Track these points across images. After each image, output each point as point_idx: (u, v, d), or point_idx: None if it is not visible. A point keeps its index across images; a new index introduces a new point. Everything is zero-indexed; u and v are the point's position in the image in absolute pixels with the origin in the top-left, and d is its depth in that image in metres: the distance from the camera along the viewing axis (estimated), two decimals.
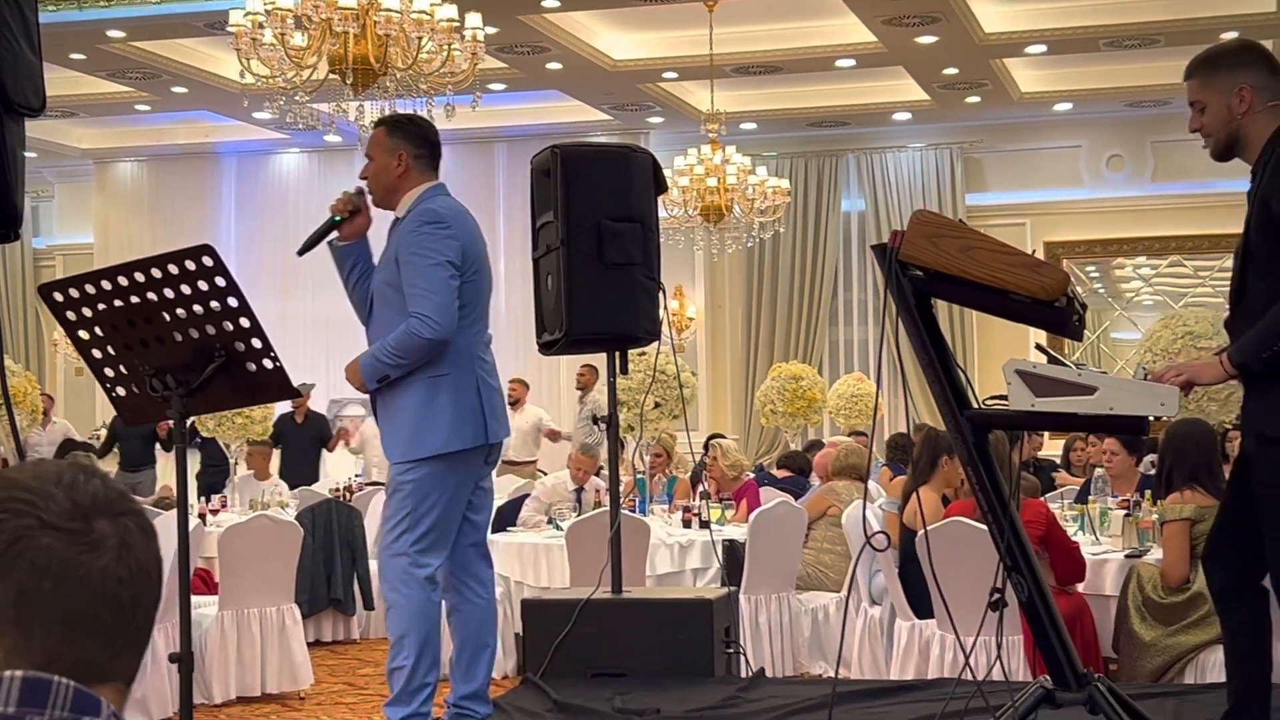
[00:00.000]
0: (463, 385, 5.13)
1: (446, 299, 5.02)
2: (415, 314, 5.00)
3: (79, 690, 1.52)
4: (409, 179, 5.30)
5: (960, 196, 18.10)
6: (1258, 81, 4.46)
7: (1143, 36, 14.48)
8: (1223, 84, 4.47)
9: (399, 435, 5.17)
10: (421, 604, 5.12)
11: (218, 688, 8.52)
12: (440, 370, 5.10)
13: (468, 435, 5.12)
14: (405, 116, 5.50)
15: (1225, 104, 4.47)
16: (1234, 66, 4.49)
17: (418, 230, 5.13)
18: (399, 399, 5.16)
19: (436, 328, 4.98)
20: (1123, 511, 8.10)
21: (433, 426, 5.10)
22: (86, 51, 14.65)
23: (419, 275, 5.05)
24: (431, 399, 5.10)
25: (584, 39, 14.74)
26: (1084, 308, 4.42)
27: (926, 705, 5.55)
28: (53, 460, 1.66)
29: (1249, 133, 4.47)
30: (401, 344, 5.03)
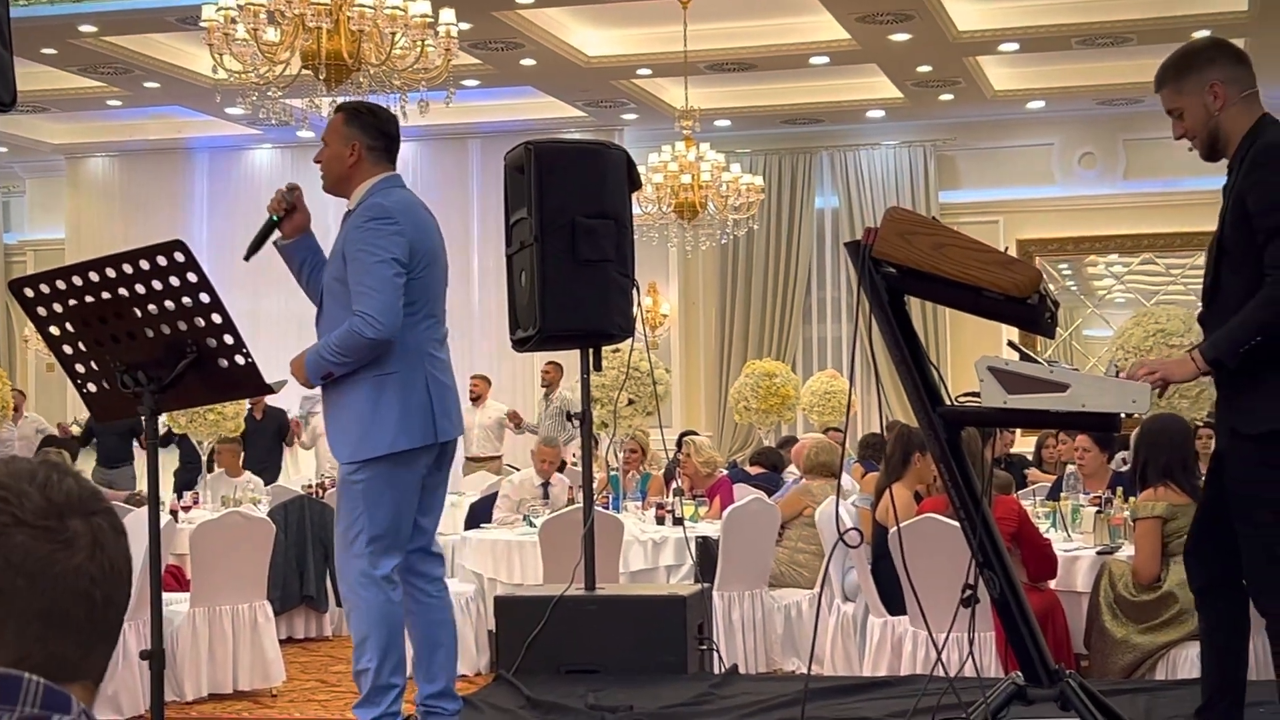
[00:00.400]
0: (411, 383, 5.05)
1: (390, 298, 4.93)
2: (358, 312, 4.91)
3: (49, 687, 1.52)
4: (361, 169, 5.22)
5: (933, 194, 18.14)
6: (1226, 75, 4.48)
7: (1115, 35, 14.53)
8: (1193, 86, 4.49)
9: (347, 435, 5.09)
10: (381, 605, 5.07)
11: (189, 685, 8.50)
12: (387, 368, 5.02)
13: (416, 434, 5.04)
14: (365, 105, 5.40)
15: (1201, 104, 4.48)
16: (1201, 66, 4.51)
17: (363, 226, 5.05)
18: (345, 397, 5.08)
19: (379, 327, 4.89)
20: (1094, 508, 8.14)
21: (380, 426, 5.01)
22: (58, 46, 14.60)
23: (364, 272, 4.96)
24: (378, 397, 5.02)
25: (558, 35, 14.73)
26: (1056, 305, 4.42)
27: (899, 701, 5.56)
28: (26, 458, 1.65)
29: (1227, 128, 4.49)
30: (344, 342, 4.94)
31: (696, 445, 11.25)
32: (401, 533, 5.13)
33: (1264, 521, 4.34)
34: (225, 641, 8.71)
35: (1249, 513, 4.36)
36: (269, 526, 9.25)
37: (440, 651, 5.33)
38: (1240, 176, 4.39)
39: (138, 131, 19.02)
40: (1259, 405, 4.32)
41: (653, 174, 14.38)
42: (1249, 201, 4.32)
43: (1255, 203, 4.31)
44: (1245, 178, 4.36)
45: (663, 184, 14.56)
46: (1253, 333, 4.26)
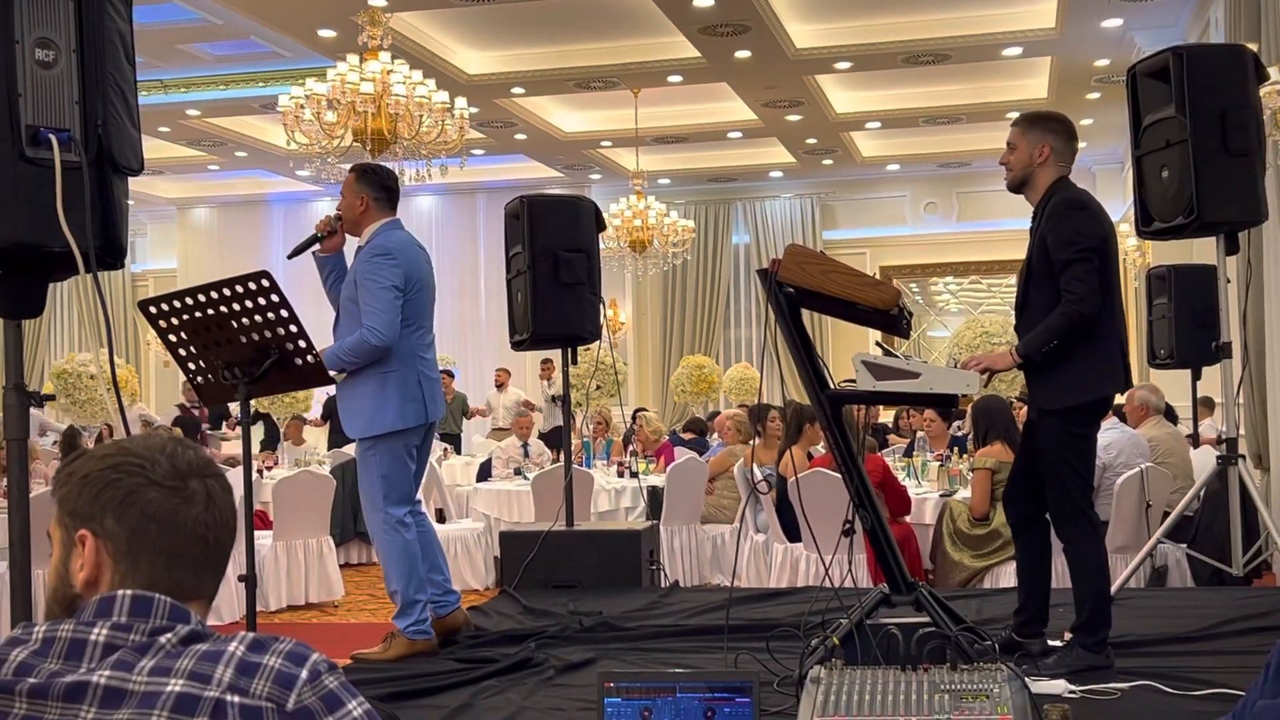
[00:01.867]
0: (407, 378, 5.02)
1: (391, 315, 4.91)
2: (367, 326, 4.91)
3: (174, 605, 1.52)
4: (369, 215, 5.17)
5: (819, 233, 18.18)
6: (1058, 145, 4.51)
7: (950, 115, 14.61)
8: (1035, 137, 4.52)
9: (358, 417, 5.04)
10: (400, 544, 5.07)
11: (273, 598, 8.46)
12: (389, 367, 4.99)
13: (411, 416, 5.02)
14: (370, 166, 5.32)
15: (1029, 152, 4.51)
16: (1046, 129, 4.53)
17: (370, 260, 5.03)
18: (357, 388, 5.04)
19: (382, 337, 4.90)
20: (938, 463, 8.18)
21: (384, 410, 4.99)
22: (171, 125, 14.49)
23: (371, 296, 4.94)
24: (383, 388, 4.99)
25: (543, 117, 14.70)
26: (910, 314, 4.43)
27: (798, 606, 5.58)
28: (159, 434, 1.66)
29: (1037, 179, 4.52)
30: (356, 347, 4.93)
31: (646, 419, 11.26)
32: (406, 489, 5.12)
33: (1063, 475, 4.38)
34: (299, 566, 8.67)
35: (1055, 468, 4.39)
36: (330, 480, 9.20)
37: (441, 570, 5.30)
38: (1043, 220, 4.44)
39: (230, 189, 18.90)
40: (1058, 387, 4.36)
41: (613, 219, 14.38)
42: (1049, 241, 4.36)
43: (1054, 243, 4.35)
44: (1046, 221, 4.40)
45: (621, 226, 14.55)
46: (1052, 337, 4.30)
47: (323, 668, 1.49)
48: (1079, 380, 4.34)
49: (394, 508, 5.07)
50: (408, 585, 5.06)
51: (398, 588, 5.07)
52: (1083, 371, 4.34)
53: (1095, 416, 4.51)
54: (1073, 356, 4.32)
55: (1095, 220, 4.38)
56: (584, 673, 4.58)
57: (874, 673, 3.22)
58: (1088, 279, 4.27)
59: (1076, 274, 4.28)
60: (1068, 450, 4.38)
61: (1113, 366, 4.39)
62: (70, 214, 2.61)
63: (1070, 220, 4.35)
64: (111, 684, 1.41)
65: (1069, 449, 4.38)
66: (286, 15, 10.70)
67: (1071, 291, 4.28)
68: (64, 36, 2.71)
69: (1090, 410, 4.44)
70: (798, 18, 11.64)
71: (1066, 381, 4.35)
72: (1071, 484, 4.37)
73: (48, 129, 2.63)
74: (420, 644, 5.07)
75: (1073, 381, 4.35)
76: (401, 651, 5.03)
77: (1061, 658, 4.35)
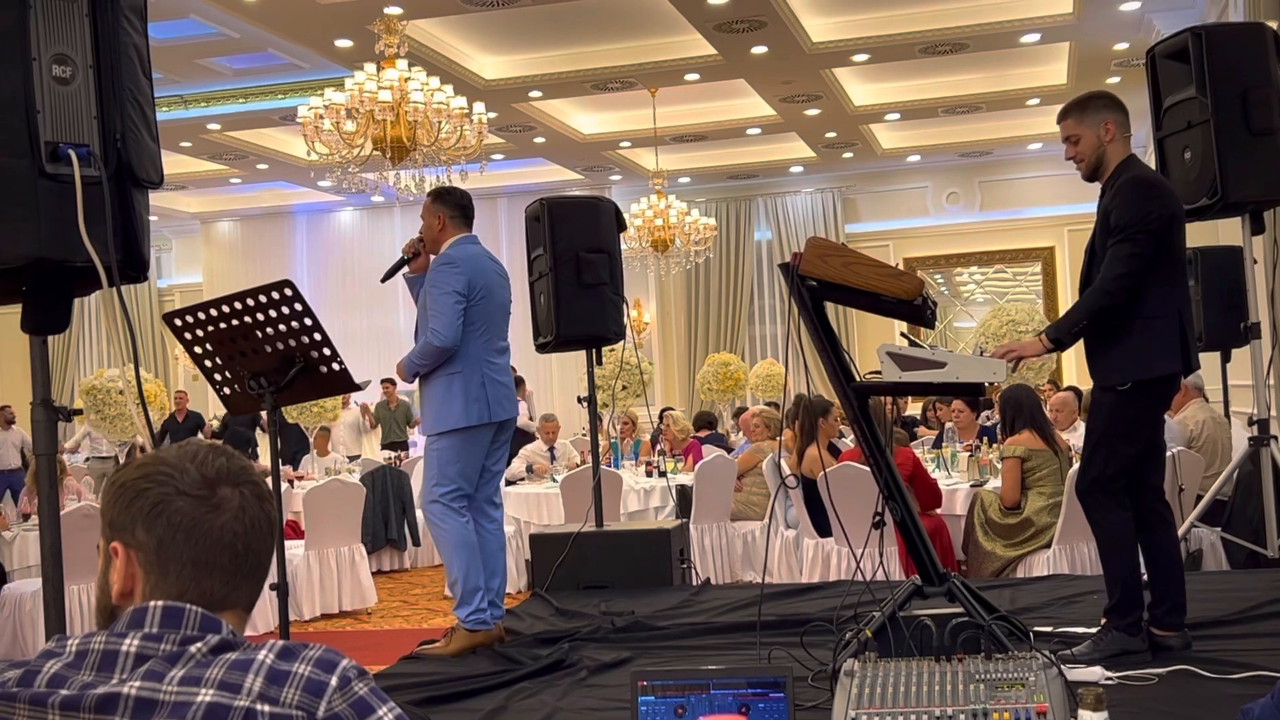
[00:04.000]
0: (472, 380, 5.20)
1: (452, 319, 5.13)
2: (431, 330, 5.16)
3: (205, 615, 1.52)
4: (447, 232, 5.39)
5: (841, 226, 18.13)
6: (1117, 119, 4.44)
7: (970, 104, 14.55)
8: (1093, 120, 4.44)
9: (428, 414, 5.29)
10: (458, 530, 5.18)
11: (306, 607, 8.50)
12: (455, 369, 5.20)
13: (474, 415, 5.19)
14: (446, 189, 5.56)
15: (1095, 136, 4.44)
16: (1101, 107, 4.46)
17: (437, 269, 5.28)
18: (429, 388, 5.29)
19: (443, 338, 5.12)
20: (967, 453, 8.15)
21: (449, 408, 5.19)
22: (192, 140, 14.56)
23: (434, 301, 5.20)
24: (449, 388, 5.20)
25: (561, 120, 14.71)
26: (935, 304, 4.42)
27: (830, 600, 5.55)
28: (195, 442, 1.66)
29: (1109, 158, 4.45)
30: (423, 350, 5.19)
31: (674, 418, 11.24)
32: (468, 483, 5.26)
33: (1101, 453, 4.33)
34: (331, 574, 8.70)
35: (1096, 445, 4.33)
36: (361, 489, 9.23)
37: (497, 577, 5.35)
38: (1110, 197, 4.36)
39: (253, 201, 18.98)
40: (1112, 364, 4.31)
41: (634, 219, 14.37)
42: (1112, 217, 4.30)
43: (1115, 219, 4.29)
44: (1113, 199, 4.33)
45: (642, 226, 14.54)
46: (1082, 318, 4.26)
47: (352, 674, 1.49)
48: (1134, 358, 4.27)
49: (451, 499, 5.21)
50: (467, 573, 5.16)
51: (458, 575, 5.18)
52: (1139, 349, 4.26)
53: (1154, 399, 4.37)
54: (1129, 334, 4.25)
55: (1160, 199, 4.28)
56: (617, 672, 4.57)
57: (908, 664, 3.21)
58: (1129, 263, 4.19)
59: (1120, 254, 4.21)
60: (1114, 431, 4.31)
61: (1169, 345, 4.27)
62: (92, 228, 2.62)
63: (1135, 199, 4.26)
64: (142, 695, 1.41)
65: (1116, 430, 4.31)
66: (303, 27, 10.73)
67: (1109, 272, 4.22)
68: (80, 53, 2.72)
69: (1149, 391, 4.32)
70: (814, 11, 11.61)
71: (1122, 359, 4.28)
72: (1106, 462, 4.31)
73: (67, 145, 2.64)
74: (480, 636, 5.11)
75: (1128, 359, 4.28)
76: (462, 645, 5.07)
77: (1096, 642, 4.32)
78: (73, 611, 7.38)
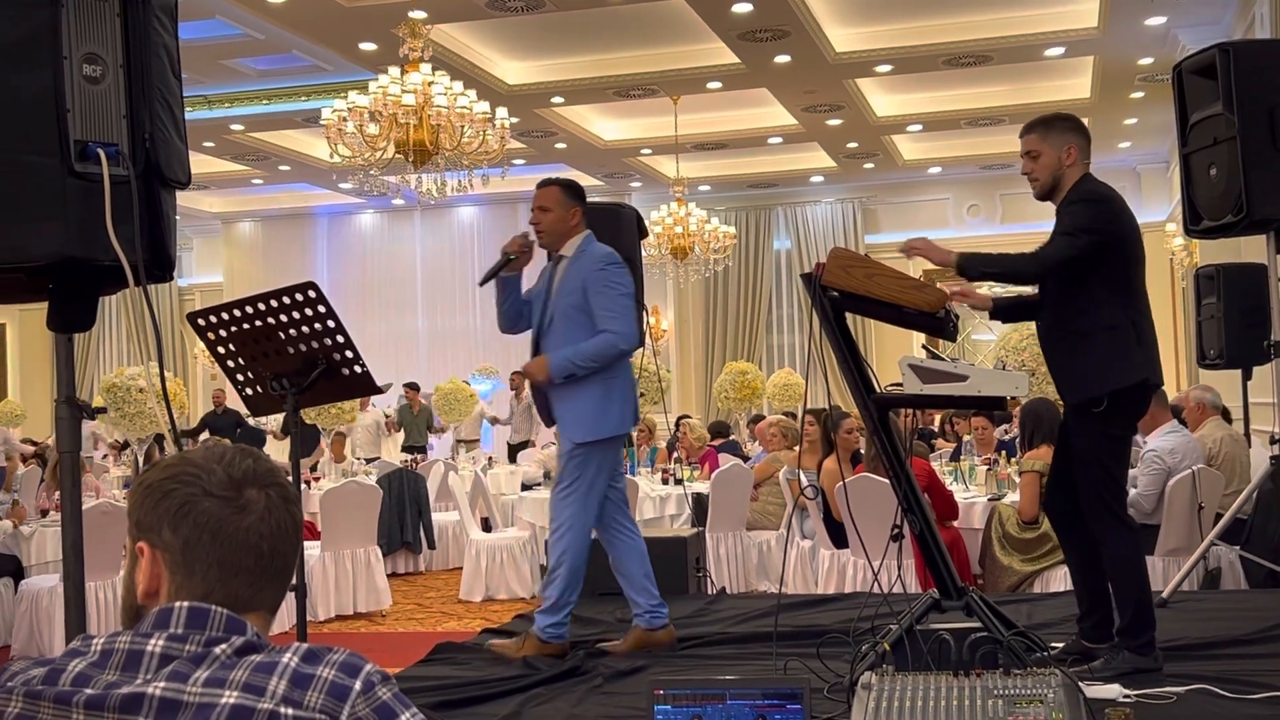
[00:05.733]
0: (626, 385, 5.03)
1: (633, 321, 4.94)
2: (611, 331, 4.89)
3: (230, 616, 1.52)
4: (579, 228, 5.17)
5: (861, 237, 18.10)
6: (1080, 144, 4.48)
7: (993, 117, 14.53)
8: (1056, 140, 4.47)
9: (581, 420, 5.00)
10: (585, 542, 5.04)
11: (322, 608, 8.51)
12: (615, 373, 4.99)
13: (629, 421, 5.05)
14: (571, 181, 5.31)
15: (1056, 156, 4.47)
16: (1065, 129, 4.49)
17: (604, 267, 5.00)
18: (581, 393, 4.99)
19: (629, 341, 4.90)
20: (985, 467, 8.12)
21: (608, 414, 4.98)
22: (215, 140, 14.62)
23: (612, 302, 4.93)
24: (608, 393, 4.97)
25: (583, 126, 14.73)
26: (957, 316, 4.42)
27: (846, 612, 5.54)
28: (223, 444, 1.66)
29: (1065, 181, 4.48)
30: (600, 352, 4.90)
31: (690, 426, 11.23)
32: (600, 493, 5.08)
33: (1095, 476, 4.33)
34: (347, 576, 8.71)
35: (1087, 469, 4.35)
36: (377, 491, 9.24)
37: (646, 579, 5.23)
38: (1059, 219, 4.41)
39: (274, 202, 19.06)
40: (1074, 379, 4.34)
41: (654, 226, 14.38)
42: (1059, 224, 4.35)
43: (1061, 222, 4.33)
44: (1060, 222, 4.38)
45: (662, 233, 14.54)
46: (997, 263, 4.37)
47: (376, 679, 1.49)
48: (1093, 372, 4.30)
49: (598, 504, 5.06)
50: (568, 586, 5.02)
51: (558, 584, 5.01)
52: (1097, 364, 4.29)
53: (1131, 418, 4.45)
54: (1089, 349, 4.29)
55: (1112, 214, 4.33)
56: (633, 680, 4.56)
57: (926, 678, 3.20)
58: (1062, 247, 4.27)
59: (1057, 240, 4.29)
60: (1102, 452, 4.33)
61: (1129, 359, 4.30)
62: (119, 228, 2.63)
63: (1088, 209, 4.32)
64: (166, 695, 1.42)
65: (1103, 450, 4.33)
66: (328, 29, 10.77)
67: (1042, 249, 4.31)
68: (111, 52, 2.73)
69: (1124, 411, 4.36)
70: (837, 22, 11.60)
71: (1082, 373, 4.32)
72: (1103, 485, 4.32)
73: (96, 144, 2.65)
74: (552, 646, 5.01)
75: (1087, 373, 4.31)
76: (533, 650, 4.98)
77: (1108, 661, 4.30)
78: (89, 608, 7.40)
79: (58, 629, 7.41)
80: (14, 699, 1.45)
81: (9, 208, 2.59)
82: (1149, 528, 6.60)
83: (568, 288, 5.06)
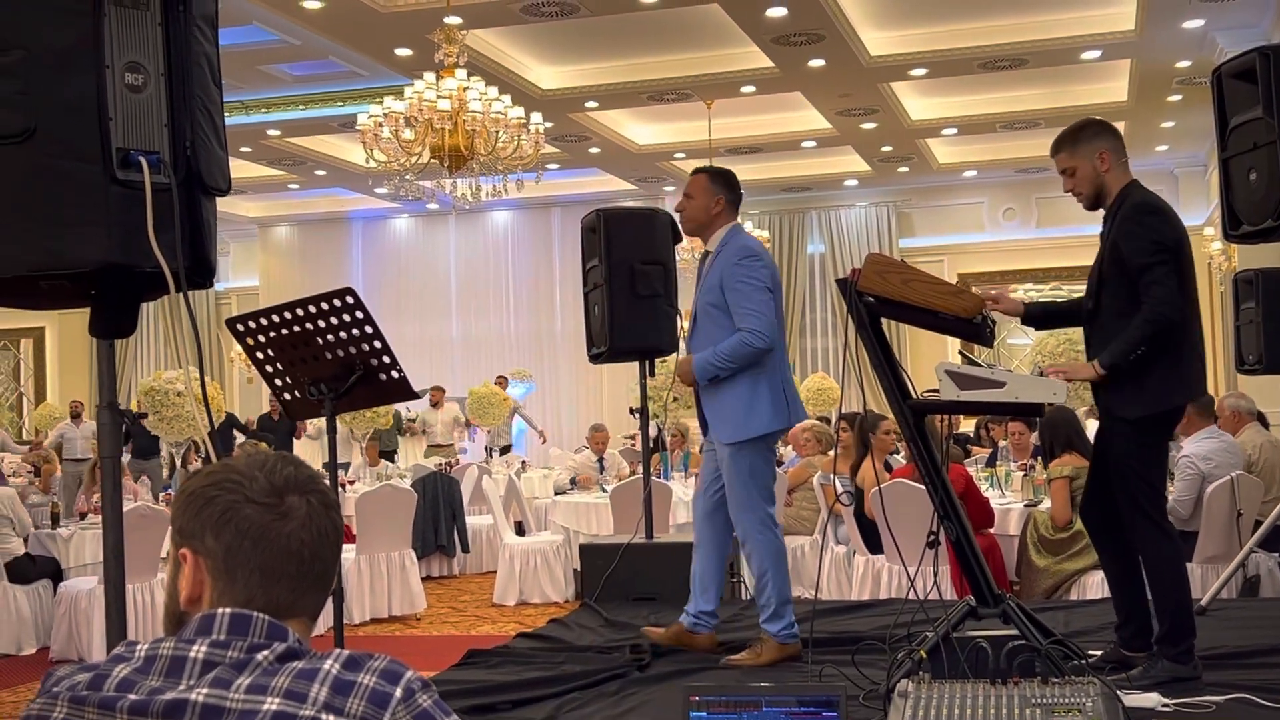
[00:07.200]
0: (775, 381, 4.90)
1: (770, 317, 4.81)
2: (748, 329, 4.79)
3: (272, 622, 1.53)
4: (722, 218, 5.05)
5: (895, 241, 18.04)
6: (1111, 145, 4.44)
7: (1028, 120, 14.45)
8: (1086, 151, 4.44)
9: (727, 422, 4.92)
10: (773, 545, 4.96)
11: (357, 611, 8.55)
12: (759, 370, 4.87)
13: (780, 419, 4.91)
14: (721, 169, 5.19)
15: (1091, 166, 4.44)
16: (1092, 137, 4.46)
17: (740, 263, 4.88)
18: (727, 393, 4.92)
19: (765, 339, 4.78)
20: (1021, 472, 8.07)
21: (756, 412, 4.87)
22: (252, 146, 14.72)
23: (747, 299, 4.82)
24: (754, 391, 4.86)
25: (616, 130, 14.74)
26: (994, 322, 4.40)
27: (881, 619, 5.52)
28: (265, 451, 1.67)
29: (1109, 186, 4.45)
30: (735, 351, 4.80)
31: None
32: (772, 487, 5.02)
33: (1133, 484, 4.29)
34: (382, 579, 8.75)
35: (1125, 478, 4.31)
36: (412, 494, 9.28)
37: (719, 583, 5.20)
38: (1115, 226, 4.35)
39: (310, 207, 19.17)
40: (1137, 396, 4.27)
41: None
42: (1123, 247, 4.27)
43: (1129, 248, 4.26)
44: (1118, 228, 4.31)
45: None
46: (1139, 344, 4.20)
47: (416, 686, 1.49)
48: (1158, 388, 4.24)
49: (766, 506, 4.97)
50: (781, 587, 4.95)
51: (771, 590, 4.94)
52: (1163, 380, 4.24)
53: (1169, 426, 4.44)
54: (1153, 364, 4.23)
55: (1169, 224, 4.30)
56: (667, 686, 4.56)
57: (963, 686, 3.18)
58: (1167, 281, 4.18)
59: (1155, 277, 4.19)
60: (1140, 460, 4.29)
61: (1191, 374, 4.30)
62: (161, 235, 2.65)
63: (1145, 224, 4.26)
64: (209, 701, 1.43)
65: (1141, 459, 4.29)
66: (364, 35, 10.83)
67: (1153, 295, 4.18)
68: (153, 60, 2.75)
69: (1165, 419, 4.35)
70: (872, 25, 11.57)
71: (1146, 390, 4.25)
72: (1141, 493, 4.28)
73: (138, 151, 2.67)
74: (790, 648, 4.93)
75: (1152, 390, 4.25)
76: (773, 656, 4.90)
77: (1147, 669, 4.26)
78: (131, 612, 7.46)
79: (96, 631, 7.48)
80: (59, 704, 1.46)
81: (52, 215, 2.61)
82: (1186, 534, 6.54)
83: (708, 285, 4.97)
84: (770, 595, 4.96)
